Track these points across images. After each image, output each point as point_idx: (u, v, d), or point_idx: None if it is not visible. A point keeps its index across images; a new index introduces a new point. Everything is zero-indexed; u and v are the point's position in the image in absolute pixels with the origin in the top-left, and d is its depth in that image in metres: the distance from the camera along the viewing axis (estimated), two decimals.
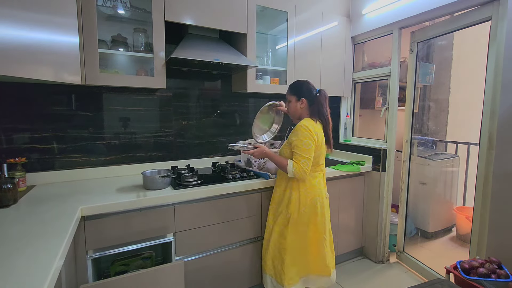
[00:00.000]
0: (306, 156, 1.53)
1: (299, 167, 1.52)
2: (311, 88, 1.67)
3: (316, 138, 1.55)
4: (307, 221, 1.64)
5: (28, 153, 1.67)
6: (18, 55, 1.03)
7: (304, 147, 1.53)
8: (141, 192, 1.55)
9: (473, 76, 2.86)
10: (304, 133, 1.54)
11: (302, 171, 1.52)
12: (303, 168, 1.52)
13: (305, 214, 1.63)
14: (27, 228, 1.07)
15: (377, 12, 2.36)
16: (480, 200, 1.78)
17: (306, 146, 1.53)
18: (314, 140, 1.55)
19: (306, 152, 1.53)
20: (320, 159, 1.66)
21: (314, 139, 1.54)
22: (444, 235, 2.97)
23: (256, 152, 1.67)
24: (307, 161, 1.53)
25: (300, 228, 1.65)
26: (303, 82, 1.69)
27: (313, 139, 1.54)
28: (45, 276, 0.76)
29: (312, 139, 1.54)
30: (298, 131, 1.55)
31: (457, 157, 3.03)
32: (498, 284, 1.44)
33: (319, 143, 1.59)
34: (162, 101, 2.07)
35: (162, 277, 1.37)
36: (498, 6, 1.66)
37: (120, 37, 1.77)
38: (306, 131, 1.53)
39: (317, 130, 1.58)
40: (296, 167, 1.53)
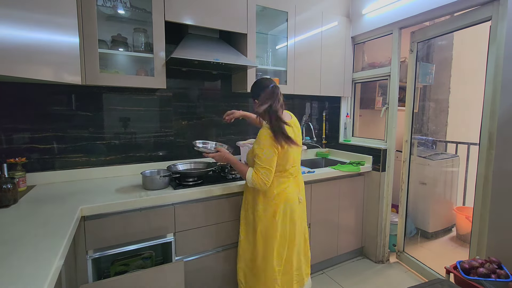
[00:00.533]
0: (266, 167, 1.42)
1: (258, 179, 1.43)
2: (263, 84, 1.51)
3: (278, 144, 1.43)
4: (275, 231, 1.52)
5: (28, 153, 1.67)
6: (18, 55, 1.03)
7: (264, 157, 1.42)
8: (141, 192, 1.55)
9: (473, 76, 2.86)
10: (264, 141, 1.43)
11: (261, 182, 1.42)
12: (263, 179, 1.42)
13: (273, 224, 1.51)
14: (27, 228, 1.07)
15: (377, 12, 2.36)
16: (480, 200, 1.78)
17: (266, 156, 1.42)
18: (275, 148, 1.43)
19: (266, 163, 1.42)
20: (287, 164, 1.52)
21: (275, 146, 1.43)
22: (444, 235, 2.97)
23: (216, 155, 1.58)
24: (267, 172, 1.42)
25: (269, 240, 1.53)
26: (257, 81, 1.58)
27: (274, 147, 1.42)
28: (45, 276, 0.76)
29: (273, 147, 1.42)
30: (260, 139, 1.45)
31: (457, 157, 3.03)
32: (498, 284, 1.44)
33: (284, 148, 1.46)
34: (162, 101, 2.07)
35: (162, 277, 1.37)
36: (498, 6, 1.66)
37: (120, 37, 1.77)
38: (267, 139, 1.42)
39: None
40: (255, 178, 1.43)
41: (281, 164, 1.50)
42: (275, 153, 1.44)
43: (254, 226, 1.57)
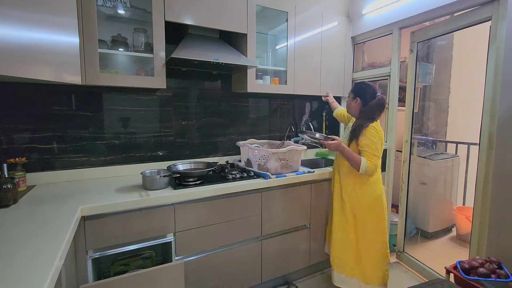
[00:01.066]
0: (376, 154, 1.67)
1: (372, 164, 1.66)
2: (371, 91, 1.76)
3: (382, 136, 1.70)
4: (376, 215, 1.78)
5: (28, 153, 1.67)
6: (18, 55, 1.03)
7: (374, 146, 1.67)
8: (141, 192, 1.55)
9: (473, 76, 2.86)
10: (372, 133, 1.67)
11: (374, 167, 1.67)
12: (376, 164, 1.68)
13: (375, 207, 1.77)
14: (27, 228, 1.07)
15: (377, 12, 2.36)
16: (480, 200, 1.78)
17: (376, 145, 1.67)
18: (381, 140, 1.69)
19: (376, 151, 1.67)
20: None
21: (381, 139, 1.69)
22: (444, 235, 2.97)
23: (332, 144, 1.74)
24: (377, 159, 1.68)
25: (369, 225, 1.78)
26: (366, 84, 1.79)
27: (380, 139, 1.68)
28: (45, 276, 0.76)
29: (380, 139, 1.68)
30: (367, 133, 1.68)
31: (457, 157, 3.03)
32: (498, 284, 1.44)
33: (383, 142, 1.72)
34: (162, 101, 2.07)
35: (162, 277, 1.37)
36: (498, 6, 1.66)
37: (120, 37, 1.77)
38: (374, 131, 1.67)
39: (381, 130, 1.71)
40: (369, 164, 1.66)
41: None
42: (381, 144, 1.70)
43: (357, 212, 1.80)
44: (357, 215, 1.80)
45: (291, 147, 1.93)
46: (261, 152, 1.97)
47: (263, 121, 2.56)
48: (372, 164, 1.67)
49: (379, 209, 1.78)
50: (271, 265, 1.96)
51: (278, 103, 2.61)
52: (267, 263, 1.95)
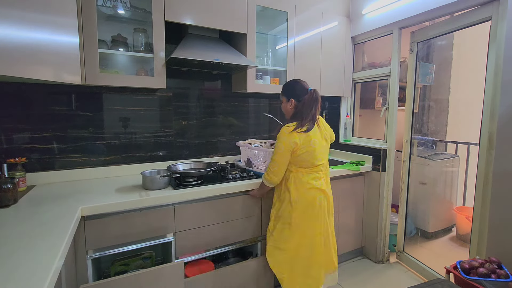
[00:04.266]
0: (275, 159, 1.57)
1: (266, 172, 1.60)
2: (301, 88, 1.63)
3: (296, 140, 1.52)
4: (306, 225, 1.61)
5: (28, 153, 1.67)
6: (18, 55, 1.03)
7: (275, 149, 1.57)
8: (141, 192, 1.55)
9: (473, 76, 2.86)
10: (280, 136, 1.56)
11: (269, 172, 1.59)
12: (271, 169, 1.58)
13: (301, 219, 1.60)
14: (27, 228, 1.07)
15: (377, 12, 2.36)
16: (480, 200, 1.78)
17: (277, 149, 1.56)
18: (287, 144, 1.52)
19: (275, 155, 1.57)
20: (314, 160, 1.59)
21: (288, 143, 1.52)
22: (444, 235, 2.97)
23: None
24: (274, 163, 1.57)
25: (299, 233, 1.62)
26: (295, 82, 1.68)
27: (288, 142, 1.52)
28: (45, 276, 0.76)
29: (287, 141, 1.52)
30: (279, 134, 1.58)
31: (457, 157, 3.03)
32: (498, 284, 1.44)
33: (302, 145, 1.53)
34: (162, 101, 2.07)
35: (162, 277, 1.38)
36: (498, 6, 1.66)
37: (120, 37, 1.77)
38: (283, 134, 1.55)
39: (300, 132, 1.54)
40: (265, 176, 1.62)
41: (302, 160, 1.59)
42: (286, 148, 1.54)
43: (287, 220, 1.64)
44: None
45: None
46: (261, 152, 1.97)
47: (263, 121, 2.56)
48: (266, 172, 1.62)
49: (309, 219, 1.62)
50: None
51: (278, 103, 2.61)
52: (267, 263, 1.94)
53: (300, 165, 1.60)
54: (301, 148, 1.54)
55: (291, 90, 1.65)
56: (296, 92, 1.63)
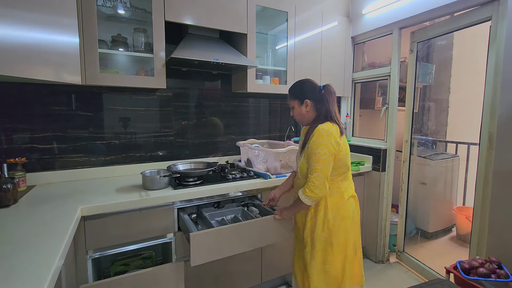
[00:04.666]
0: (318, 168, 1.30)
1: (308, 188, 1.31)
2: (313, 86, 1.44)
3: (338, 140, 1.33)
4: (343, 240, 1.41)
5: (28, 153, 1.67)
6: (18, 55, 1.03)
7: (316, 157, 1.30)
8: (141, 192, 1.55)
9: (473, 76, 2.86)
10: (318, 140, 1.30)
11: (313, 188, 1.29)
12: (315, 183, 1.29)
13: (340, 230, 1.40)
14: (27, 228, 1.07)
15: (377, 12, 2.36)
16: (480, 200, 1.78)
17: (319, 156, 1.30)
18: (331, 147, 1.30)
19: (318, 164, 1.30)
20: (347, 163, 1.43)
21: (331, 145, 1.30)
22: (444, 235, 2.97)
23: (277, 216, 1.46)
24: (318, 176, 1.29)
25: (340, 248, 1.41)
26: (303, 82, 1.48)
27: (330, 146, 1.30)
28: (45, 276, 0.76)
29: (329, 145, 1.30)
30: (315, 137, 1.32)
31: (457, 157, 3.03)
32: (498, 284, 1.44)
33: (341, 148, 1.35)
34: (162, 101, 2.07)
35: (162, 277, 1.37)
36: (498, 6, 1.66)
37: (120, 37, 1.77)
38: (322, 136, 1.30)
39: (338, 131, 1.35)
40: (306, 191, 1.31)
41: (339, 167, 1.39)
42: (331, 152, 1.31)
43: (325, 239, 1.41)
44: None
45: (291, 147, 1.93)
46: (261, 152, 1.97)
47: (263, 121, 2.56)
48: (308, 187, 1.31)
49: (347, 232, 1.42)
50: (271, 265, 1.96)
51: (278, 103, 2.61)
52: (267, 263, 1.94)
53: (338, 171, 1.39)
54: (342, 150, 1.36)
55: (301, 92, 1.45)
56: (309, 92, 1.43)
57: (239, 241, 1.39)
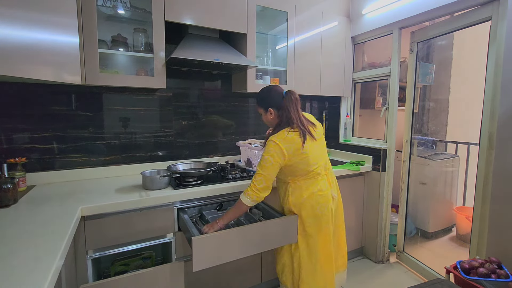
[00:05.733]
0: (262, 173, 1.41)
1: (251, 189, 1.41)
2: (277, 93, 1.51)
3: (284, 152, 1.40)
4: (314, 232, 1.52)
5: (28, 153, 1.67)
6: (18, 55, 1.03)
7: (263, 163, 1.42)
8: (141, 192, 1.55)
9: (473, 76, 2.86)
10: (267, 148, 1.42)
11: (255, 190, 1.40)
12: (257, 186, 1.40)
13: (309, 226, 1.52)
14: (27, 228, 1.07)
15: (377, 12, 2.36)
16: (480, 200, 1.78)
17: (264, 163, 1.41)
18: (277, 157, 1.40)
19: (263, 169, 1.41)
20: (308, 167, 1.48)
21: (278, 154, 1.40)
22: (444, 235, 2.97)
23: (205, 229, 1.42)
24: (262, 179, 1.40)
25: (310, 241, 1.53)
26: (269, 89, 1.56)
27: (276, 155, 1.39)
28: (45, 276, 0.76)
29: (275, 154, 1.39)
30: (266, 146, 1.44)
31: (457, 157, 3.03)
32: (498, 284, 1.44)
33: (292, 154, 1.42)
34: (162, 101, 2.07)
35: (162, 277, 1.37)
36: (498, 6, 1.66)
37: (120, 37, 1.77)
38: (272, 146, 1.41)
39: (289, 141, 1.42)
40: (247, 191, 1.42)
41: (295, 170, 1.48)
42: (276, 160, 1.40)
43: None
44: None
45: None
46: (261, 152, 1.97)
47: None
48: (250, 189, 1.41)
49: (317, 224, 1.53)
50: (271, 265, 1.96)
51: None
52: (267, 263, 1.95)
53: (295, 174, 1.50)
54: (292, 159, 1.43)
55: (266, 99, 1.53)
56: (273, 100, 1.51)
57: (243, 245, 1.38)
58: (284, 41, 2.28)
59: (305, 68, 2.33)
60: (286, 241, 1.53)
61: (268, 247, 1.47)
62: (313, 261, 1.54)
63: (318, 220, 1.53)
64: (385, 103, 2.47)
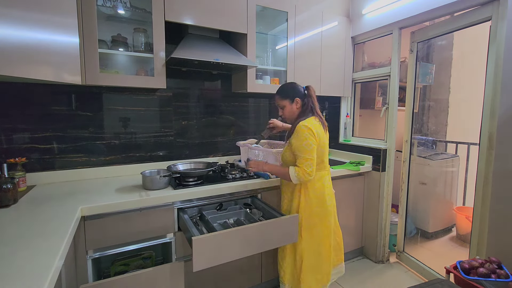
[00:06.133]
0: (309, 157, 1.49)
1: (302, 171, 1.49)
2: (299, 86, 1.67)
3: (317, 136, 1.53)
4: (319, 222, 1.62)
5: (28, 153, 1.67)
6: (18, 55, 1.03)
7: (305, 148, 1.50)
8: (141, 192, 1.55)
9: (473, 76, 2.86)
10: (304, 133, 1.50)
11: (306, 173, 1.49)
12: (307, 170, 1.49)
13: (316, 216, 1.61)
14: (27, 228, 1.07)
15: (377, 12, 2.36)
16: (480, 200, 1.78)
17: (307, 147, 1.49)
18: (315, 139, 1.52)
19: (308, 153, 1.50)
20: (324, 157, 1.65)
21: (315, 137, 1.52)
22: (444, 235, 2.97)
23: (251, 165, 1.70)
24: (310, 163, 1.50)
25: (314, 231, 1.62)
26: (292, 83, 1.70)
27: (314, 138, 1.51)
28: (45, 276, 0.76)
29: (313, 138, 1.51)
30: (299, 132, 1.52)
31: (457, 157, 3.03)
32: (498, 284, 1.44)
33: (320, 141, 1.57)
34: (162, 101, 2.07)
35: (162, 277, 1.37)
36: (498, 6, 1.66)
37: (120, 37, 1.77)
38: (306, 130, 1.50)
39: (317, 128, 1.55)
40: (298, 171, 1.50)
41: (319, 156, 1.59)
42: (315, 143, 1.52)
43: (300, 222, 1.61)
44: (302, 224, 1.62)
45: None
46: (261, 152, 1.97)
47: (263, 121, 2.56)
48: (301, 170, 1.49)
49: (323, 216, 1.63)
50: (271, 265, 1.96)
51: None
52: (267, 263, 1.95)
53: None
54: (321, 142, 1.57)
55: (292, 91, 1.65)
56: (298, 91, 1.65)
57: (243, 245, 1.38)
58: (284, 41, 2.28)
59: (305, 68, 2.33)
60: (286, 241, 1.53)
61: (268, 247, 1.47)
62: (315, 253, 1.63)
63: (325, 210, 1.63)
64: (385, 103, 2.47)
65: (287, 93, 1.66)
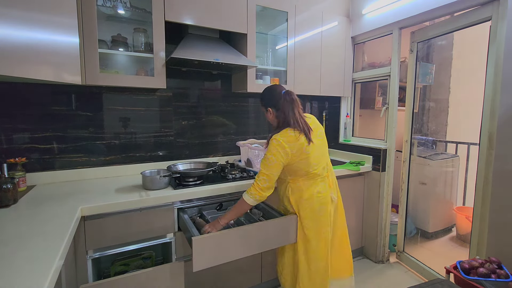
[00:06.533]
0: (266, 173, 1.41)
1: (255, 187, 1.41)
2: (275, 93, 1.51)
3: (290, 151, 1.41)
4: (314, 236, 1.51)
5: (28, 153, 1.67)
6: (18, 55, 1.03)
7: (265, 162, 1.42)
8: (141, 192, 1.55)
9: (473, 76, 2.86)
10: (271, 148, 1.41)
11: (258, 189, 1.40)
12: (260, 185, 1.40)
13: (309, 230, 1.51)
14: (27, 228, 1.07)
15: (377, 12, 2.36)
16: (480, 200, 1.78)
17: (268, 162, 1.41)
18: (284, 156, 1.40)
19: (266, 168, 1.41)
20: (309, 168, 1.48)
21: (285, 154, 1.40)
22: (444, 235, 2.97)
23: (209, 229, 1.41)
24: (266, 178, 1.40)
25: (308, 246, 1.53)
26: (269, 89, 1.57)
27: (282, 155, 1.40)
28: (45, 276, 0.76)
29: (280, 154, 1.39)
30: (269, 145, 1.44)
31: (457, 157, 3.03)
32: (498, 284, 1.44)
33: (300, 153, 1.44)
34: (162, 101, 2.07)
35: (162, 277, 1.37)
36: (498, 6, 1.66)
37: (120, 37, 1.77)
38: (276, 145, 1.40)
39: (291, 141, 1.42)
40: (250, 189, 1.42)
41: (296, 169, 1.48)
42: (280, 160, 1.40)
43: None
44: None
45: None
46: (261, 152, 1.97)
47: (263, 121, 2.56)
48: (254, 188, 1.41)
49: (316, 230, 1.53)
50: (271, 265, 1.96)
51: None
52: (267, 263, 1.95)
53: (296, 174, 1.51)
54: (294, 158, 1.44)
55: (267, 99, 1.54)
56: (273, 99, 1.50)
57: (243, 245, 1.38)
58: (284, 41, 2.28)
59: (305, 68, 2.33)
60: (286, 241, 1.53)
61: (268, 247, 1.47)
62: (311, 267, 1.53)
63: (316, 222, 1.52)
64: (385, 103, 2.47)
65: (262, 99, 1.57)
